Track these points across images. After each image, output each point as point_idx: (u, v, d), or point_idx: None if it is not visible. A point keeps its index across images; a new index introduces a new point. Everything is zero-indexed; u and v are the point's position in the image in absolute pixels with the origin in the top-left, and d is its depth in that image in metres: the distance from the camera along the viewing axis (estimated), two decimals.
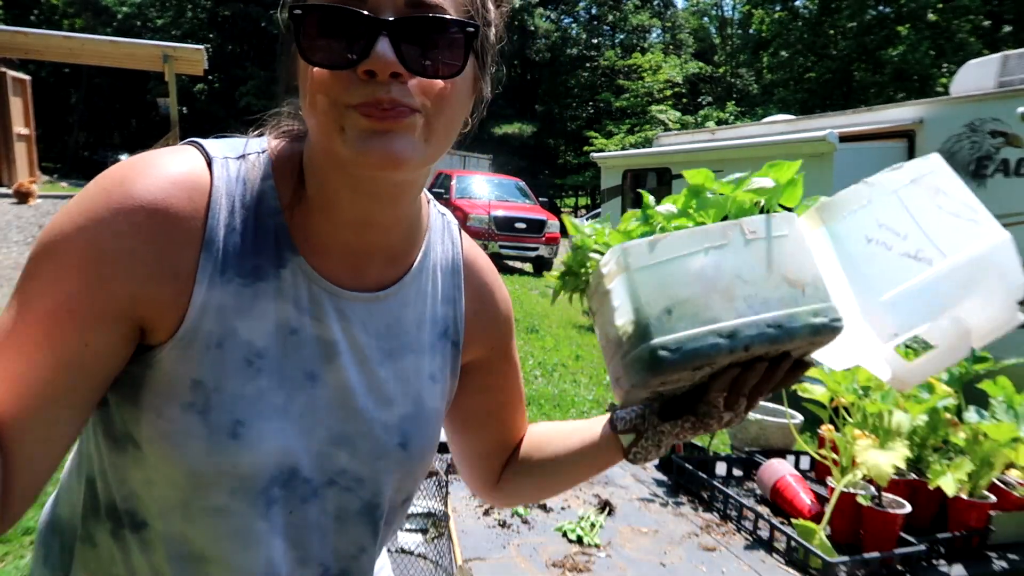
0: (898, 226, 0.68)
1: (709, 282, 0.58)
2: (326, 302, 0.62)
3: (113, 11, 28.57)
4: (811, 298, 0.59)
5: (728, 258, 0.58)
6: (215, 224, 0.56)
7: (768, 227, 0.61)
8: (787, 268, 0.59)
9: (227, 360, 0.57)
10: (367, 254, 0.64)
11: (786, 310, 0.58)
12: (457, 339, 0.73)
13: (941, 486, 1.39)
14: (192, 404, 0.56)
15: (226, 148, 0.60)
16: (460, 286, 0.74)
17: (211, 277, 0.56)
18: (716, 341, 0.56)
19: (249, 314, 0.58)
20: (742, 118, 21.98)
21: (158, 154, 0.57)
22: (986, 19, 18.48)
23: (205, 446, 0.56)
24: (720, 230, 0.60)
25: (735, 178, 0.70)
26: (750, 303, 0.58)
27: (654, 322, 0.57)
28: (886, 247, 0.67)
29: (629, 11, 31.18)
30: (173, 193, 0.55)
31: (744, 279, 0.58)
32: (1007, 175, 4.67)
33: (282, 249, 0.60)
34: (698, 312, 0.57)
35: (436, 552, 1.53)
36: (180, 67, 11.58)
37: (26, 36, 10.56)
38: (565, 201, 32.31)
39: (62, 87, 30.16)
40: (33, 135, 11.41)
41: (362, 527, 0.66)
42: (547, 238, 12.53)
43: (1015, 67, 4.92)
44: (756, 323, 0.57)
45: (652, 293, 0.57)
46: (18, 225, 8.10)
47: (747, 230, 0.60)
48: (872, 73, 19.98)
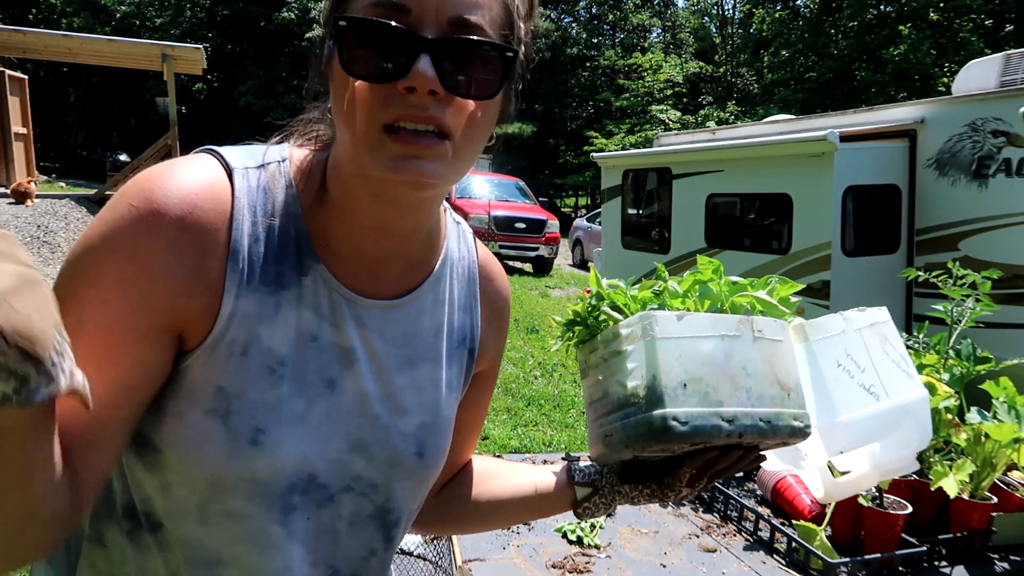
0: (859, 359, 0.81)
1: (720, 367, 0.62)
2: (345, 309, 0.62)
3: (112, 10, 28.54)
4: (794, 402, 0.65)
5: (738, 349, 0.63)
6: (239, 235, 0.57)
7: (773, 330, 0.66)
8: (780, 371, 0.65)
9: (250, 367, 0.58)
10: (385, 261, 0.65)
11: (776, 408, 0.63)
12: (473, 347, 0.74)
13: (943, 487, 1.38)
14: (214, 410, 0.57)
15: (245, 158, 0.61)
16: (476, 294, 0.74)
17: (238, 286, 0.57)
18: (719, 424, 0.61)
19: (272, 322, 0.59)
20: (742, 118, 21.97)
21: (179, 165, 0.57)
22: (988, 18, 18.46)
23: (225, 451, 0.56)
24: (736, 322, 0.64)
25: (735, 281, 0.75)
26: (750, 395, 0.62)
27: (670, 392, 0.60)
28: (849, 375, 0.79)
29: (629, 11, 31.15)
30: (199, 205, 0.56)
31: (748, 372, 0.63)
32: (1008, 175, 4.66)
33: (303, 256, 0.60)
34: (708, 393, 0.61)
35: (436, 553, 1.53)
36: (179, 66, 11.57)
37: (24, 35, 10.56)
38: (565, 201, 32.30)
39: (60, 86, 30.15)
40: (31, 134, 11.39)
41: (373, 530, 0.67)
42: (547, 238, 12.52)
43: (1017, 66, 4.91)
44: (752, 415, 0.62)
45: (672, 364, 0.61)
46: (16, 225, 8.09)
47: (756, 328, 0.65)
48: (873, 72, 19.97)
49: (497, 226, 11.78)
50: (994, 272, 1.76)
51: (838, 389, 0.76)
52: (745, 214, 6.42)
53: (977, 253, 4.87)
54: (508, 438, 4.36)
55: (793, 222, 5.60)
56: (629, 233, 8.16)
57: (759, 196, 6.16)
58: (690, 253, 6.96)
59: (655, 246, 7.62)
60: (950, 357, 1.64)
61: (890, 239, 5.44)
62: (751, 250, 6.20)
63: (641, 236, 7.99)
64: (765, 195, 6.05)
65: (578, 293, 10.70)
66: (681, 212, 7.07)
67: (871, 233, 5.47)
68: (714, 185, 6.64)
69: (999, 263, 4.46)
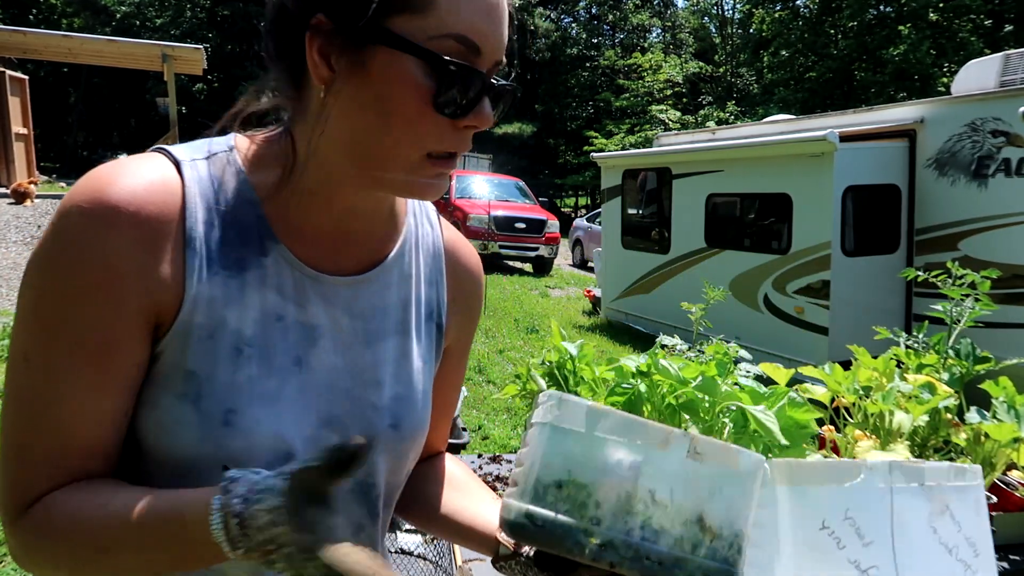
0: (868, 528, 0.57)
1: (618, 482, 0.51)
2: (309, 287, 0.63)
3: (112, 10, 28.57)
4: (716, 555, 0.51)
5: (654, 468, 0.51)
6: (193, 222, 0.58)
7: (723, 457, 0.53)
8: (711, 509, 0.52)
9: (218, 350, 0.59)
10: (349, 239, 0.66)
11: (677, 552, 0.51)
12: (440, 321, 0.75)
13: None
14: (185, 394, 0.58)
15: (191, 151, 0.62)
16: (441, 269, 0.75)
17: (199, 273, 0.58)
18: (582, 542, 0.51)
19: (237, 304, 0.60)
20: (742, 118, 21.97)
21: (124, 164, 0.58)
22: (987, 18, 18.47)
23: (198, 434, 0.57)
24: (664, 434, 0.52)
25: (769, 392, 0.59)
26: (645, 526, 0.51)
27: (540, 488, 0.52)
28: (838, 544, 0.56)
29: (629, 11, 31.17)
30: (148, 199, 0.56)
31: (655, 499, 0.51)
32: (1008, 175, 4.66)
33: (264, 238, 0.62)
34: (586, 504, 0.51)
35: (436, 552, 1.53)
36: (179, 67, 11.58)
37: (24, 35, 10.56)
38: (565, 201, 32.31)
39: (61, 86, 30.15)
40: (31, 135, 11.40)
41: (356, 506, 0.67)
42: (547, 238, 12.52)
43: (1016, 66, 4.91)
44: (636, 548, 0.51)
45: (555, 458, 0.52)
46: (16, 225, 8.09)
47: (697, 449, 0.52)
48: (873, 73, 19.98)
49: (497, 226, 11.78)
50: (993, 272, 1.76)
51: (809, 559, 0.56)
52: (745, 214, 6.43)
53: (976, 253, 4.87)
54: (508, 438, 4.36)
55: (793, 222, 5.60)
56: (629, 233, 8.16)
57: (759, 196, 6.16)
58: (690, 253, 6.97)
59: (655, 246, 7.62)
60: (949, 357, 1.64)
61: (890, 239, 5.44)
62: (751, 250, 6.20)
63: (641, 236, 8.00)
64: (765, 195, 6.05)
65: (578, 293, 10.71)
66: (681, 212, 7.08)
67: (871, 233, 5.48)
68: (714, 185, 6.64)
69: (998, 263, 4.46)
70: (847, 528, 0.56)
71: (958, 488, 0.61)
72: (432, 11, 0.55)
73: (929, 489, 0.59)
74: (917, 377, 1.51)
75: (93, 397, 0.55)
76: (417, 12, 0.55)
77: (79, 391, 0.55)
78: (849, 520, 0.56)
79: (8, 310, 5.59)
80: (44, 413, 0.55)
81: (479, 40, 0.57)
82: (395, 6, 0.55)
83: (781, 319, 5.74)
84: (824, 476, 0.57)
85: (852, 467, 0.58)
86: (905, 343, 1.71)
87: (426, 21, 0.55)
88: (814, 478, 0.56)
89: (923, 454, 1.57)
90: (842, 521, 0.56)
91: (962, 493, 0.61)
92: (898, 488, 0.58)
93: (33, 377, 0.55)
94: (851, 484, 0.57)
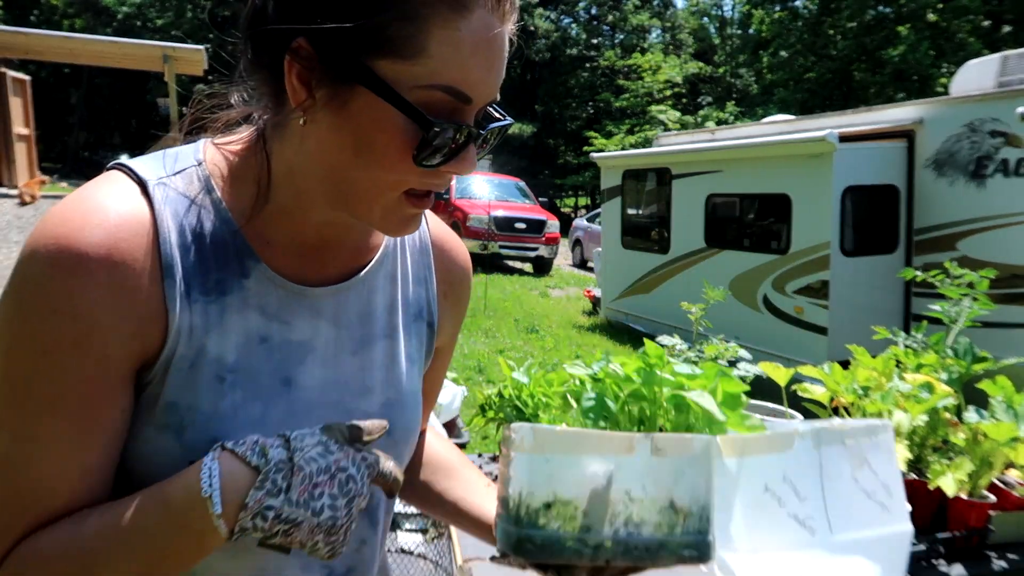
0: (802, 486, 0.68)
1: (597, 492, 0.58)
2: (294, 302, 0.61)
3: (113, 11, 28.57)
4: (690, 529, 0.59)
5: (625, 471, 0.58)
6: (168, 249, 0.55)
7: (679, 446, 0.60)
8: (679, 493, 0.59)
9: (199, 380, 0.56)
10: (331, 246, 0.64)
11: (660, 536, 0.59)
12: (431, 320, 0.73)
13: (941, 486, 1.39)
14: (167, 426, 0.56)
15: (155, 167, 0.58)
16: (430, 266, 0.74)
17: (179, 302, 0.55)
18: (580, 549, 0.58)
19: (217, 330, 0.57)
20: (742, 118, 21.97)
21: (87, 199, 0.54)
22: (986, 19, 18.47)
23: (182, 465, 0.54)
24: (629, 441, 0.59)
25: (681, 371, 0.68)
26: (628, 522, 0.59)
27: (531, 513, 0.57)
28: (779, 503, 0.66)
29: (629, 11, 31.16)
30: (120, 237, 0.53)
31: (632, 497, 0.58)
32: (1006, 175, 4.67)
33: (243, 258, 0.59)
34: (575, 516, 0.58)
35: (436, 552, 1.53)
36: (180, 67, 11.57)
37: (26, 36, 10.56)
38: (565, 201, 32.31)
39: (62, 87, 30.13)
40: (33, 135, 11.40)
41: (359, 520, 0.66)
42: (547, 238, 12.53)
43: (1015, 67, 4.92)
44: (626, 542, 0.58)
45: (540, 483, 0.58)
46: (18, 226, 8.10)
47: (656, 445, 0.59)
48: (872, 73, 19.98)
49: (497, 226, 11.78)
50: (991, 272, 1.77)
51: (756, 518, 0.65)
52: (744, 214, 6.43)
53: (975, 253, 4.88)
54: None
55: (792, 222, 5.60)
56: (629, 233, 8.16)
57: (758, 196, 6.17)
58: (690, 253, 6.97)
59: (655, 246, 7.63)
60: (948, 356, 1.64)
61: (889, 239, 5.45)
62: (750, 250, 6.21)
63: (641, 236, 8.00)
64: (764, 195, 6.05)
65: (578, 294, 10.71)
66: (680, 212, 7.08)
67: (870, 233, 5.48)
68: (713, 185, 6.64)
69: (997, 263, 4.47)
70: (786, 488, 0.67)
71: (873, 442, 0.72)
72: (421, 59, 0.51)
73: (850, 447, 0.71)
74: (916, 377, 1.52)
75: (75, 456, 0.52)
76: (405, 58, 0.51)
77: (58, 452, 0.52)
78: (787, 481, 0.67)
79: None
80: (20, 477, 0.52)
81: (470, 90, 0.53)
82: (381, 49, 0.51)
83: (780, 319, 5.74)
84: (764, 447, 0.66)
85: (786, 437, 0.68)
86: (904, 343, 1.72)
87: (413, 69, 0.51)
88: (756, 449, 0.66)
89: (922, 453, 1.57)
90: (781, 483, 0.66)
91: (876, 446, 0.73)
92: (825, 450, 0.69)
93: (8, 441, 0.51)
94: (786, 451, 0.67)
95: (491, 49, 0.53)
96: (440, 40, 0.51)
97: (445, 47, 0.51)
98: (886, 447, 0.73)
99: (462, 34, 0.51)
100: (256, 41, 0.56)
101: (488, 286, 9.13)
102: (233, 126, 0.64)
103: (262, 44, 0.56)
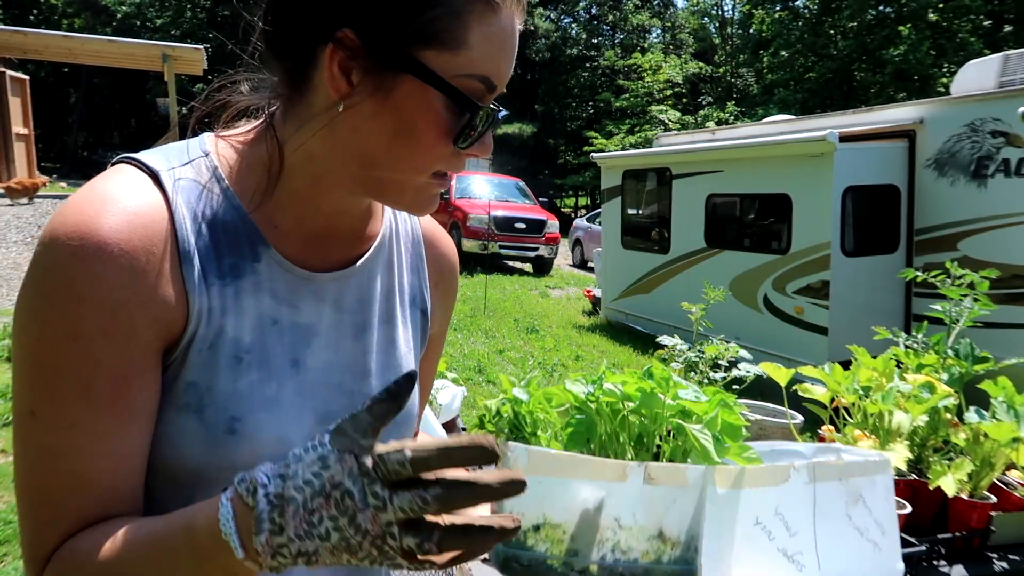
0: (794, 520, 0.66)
1: (586, 517, 0.58)
2: (300, 287, 0.64)
3: (112, 11, 28.56)
4: (676, 559, 0.60)
5: (616, 498, 0.59)
6: (184, 234, 0.57)
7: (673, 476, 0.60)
8: (669, 523, 0.60)
9: (218, 360, 0.58)
10: (335, 233, 0.67)
11: (646, 564, 0.59)
12: (425, 307, 0.76)
13: (942, 486, 1.38)
14: (187, 405, 0.57)
15: (165, 159, 0.60)
16: (422, 255, 0.77)
17: (198, 285, 0.57)
18: (566, 573, 0.58)
19: (234, 312, 0.59)
20: (742, 118, 21.96)
21: (102, 188, 0.55)
22: (987, 19, 18.47)
23: (203, 444, 0.57)
24: (621, 468, 0.59)
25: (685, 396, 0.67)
26: (615, 549, 0.59)
27: (520, 535, 0.58)
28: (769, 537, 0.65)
29: (629, 11, 31.16)
30: (138, 223, 0.54)
31: (621, 524, 0.59)
32: (1007, 175, 4.67)
33: (254, 243, 0.61)
34: (563, 540, 0.58)
35: None
36: (179, 67, 11.58)
37: (25, 36, 10.56)
38: (565, 201, 32.31)
39: (61, 87, 30.14)
40: (32, 135, 11.41)
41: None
42: (547, 238, 12.53)
43: (1016, 67, 4.91)
44: (612, 569, 0.59)
45: (531, 504, 0.58)
46: (17, 225, 8.10)
47: (651, 475, 0.59)
48: (872, 73, 19.99)
49: (497, 226, 11.78)
50: (992, 272, 1.76)
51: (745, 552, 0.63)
52: (745, 214, 6.43)
53: (976, 253, 4.87)
54: None
55: (792, 222, 5.60)
56: (629, 233, 8.16)
57: (759, 196, 6.16)
58: (690, 253, 6.97)
59: (655, 246, 7.62)
60: (949, 357, 1.64)
61: (889, 239, 5.45)
62: (751, 250, 6.21)
63: (641, 236, 8.00)
64: (765, 195, 6.05)
65: (578, 294, 10.71)
66: (681, 212, 7.08)
67: (870, 233, 5.48)
68: (714, 185, 6.64)
69: (997, 263, 4.47)
70: (777, 522, 0.65)
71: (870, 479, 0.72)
72: (464, 51, 0.56)
73: (846, 483, 0.70)
74: (916, 377, 1.52)
75: (111, 441, 0.54)
76: (450, 49, 0.55)
77: (95, 438, 0.53)
78: (779, 515, 0.66)
79: (8, 309, 5.59)
80: (60, 467, 0.53)
81: (497, 81, 0.59)
82: (429, 40, 0.55)
83: (781, 319, 5.74)
84: (759, 479, 0.65)
85: (782, 470, 0.66)
86: (904, 343, 1.71)
87: (456, 59, 0.56)
88: (750, 481, 0.64)
89: (922, 454, 1.57)
90: (772, 516, 0.65)
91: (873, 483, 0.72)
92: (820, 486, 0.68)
93: (45, 431, 0.52)
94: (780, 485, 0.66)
95: (513, 42, 0.59)
96: (479, 34, 0.56)
97: (483, 40, 0.56)
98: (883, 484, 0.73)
99: (495, 28, 0.57)
100: (289, 29, 0.58)
101: (488, 286, 9.13)
102: (235, 119, 0.66)
103: (296, 32, 0.58)
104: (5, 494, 3.05)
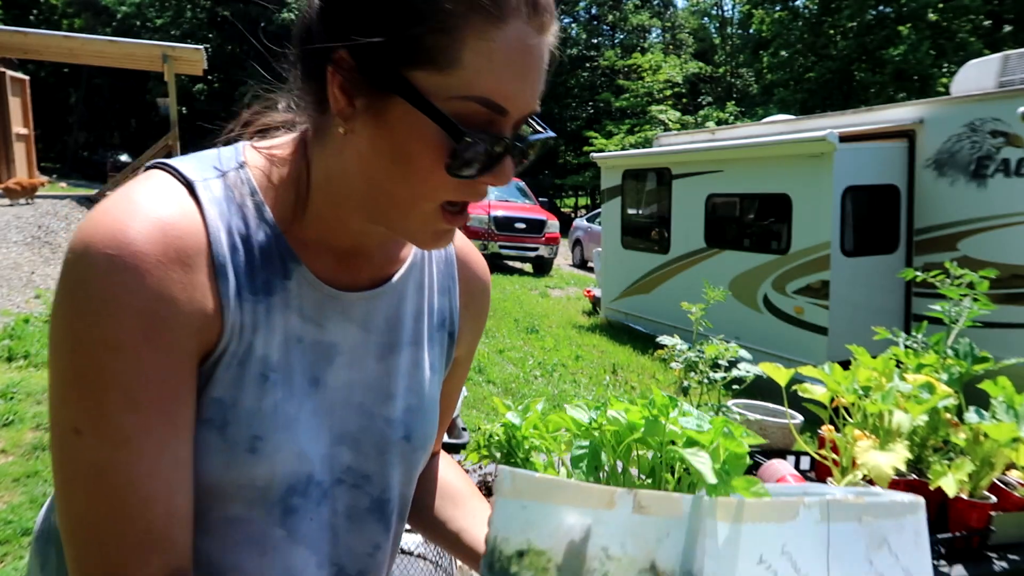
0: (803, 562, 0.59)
1: (573, 545, 0.55)
2: (327, 306, 0.62)
3: (112, 11, 28.58)
4: None
5: (604, 526, 0.55)
6: (219, 247, 0.56)
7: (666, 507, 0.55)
8: (661, 556, 0.55)
9: (246, 377, 0.57)
10: (364, 253, 0.66)
11: None
12: (453, 329, 0.74)
13: (942, 486, 1.38)
14: (210, 420, 0.56)
15: (200, 168, 0.59)
16: (454, 276, 0.75)
17: (232, 300, 0.56)
18: None
19: (264, 328, 0.58)
20: (742, 118, 21.97)
21: (137, 195, 0.54)
22: (987, 19, 18.48)
23: (223, 461, 0.56)
24: (608, 495, 0.55)
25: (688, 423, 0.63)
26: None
27: (503, 560, 0.55)
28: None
29: (629, 11, 31.16)
30: (174, 234, 0.53)
31: (608, 555, 0.55)
32: (1007, 175, 4.67)
33: (286, 260, 0.60)
34: (548, 569, 0.55)
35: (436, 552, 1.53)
36: (179, 67, 11.58)
37: (25, 36, 10.56)
38: (565, 201, 32.30)
39: (61, 87, 30.15)
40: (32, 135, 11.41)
41: (374, 524, 0.67)
42: (547, 238, 12.53)
43: (1015, 67, 4.91)
44: None
45: (516, 530, 0.55)
46: (17, 225, 8.10)
47: (640, 503, 0.55)
48: (872, 73, 19.98)
49: (497, 226, 11.78)
50: (992, 272, 1.76)
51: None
52: (744, 214, 6.43)
53: (975, 253, 4.87)
54: None
55: (792, 222, 5.60)
56: (629, 233, 8.16)
57: (758, 196, 6.17)
58: (690, 253, 6.97)
59: (655, 246, 7.62)
60: (948, 357, 1.64)
61: (889, 239, 5.45)
62: (750, 250, 6.21)
63: (641, 236, 8.00)
64: (764, 195, 6.05)
65: (578, 294, 10.71)
66: (681, 212, 7.08)
67: (870, 233, 5.48)
68: (714, 185, 6.64)
69: (997, 263, 4.47)
70: (784, 563, 0.58)
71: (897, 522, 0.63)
72: (456, 71, 0.51)
73: (867, 525, 0.61)
74: (916, 377, 1.52)
75: (167, 452, 0.52)
76: (440, 69, 0.51)
77: (152, 450, 0.51)
78: (786, 555, 0.58)
79: (8, 309, 5.58)
80: (119, 485, 0.50)
81: (506, 102, 0.53)
82: (417, 60, 0.51)
83: (781, 319, 5.74)
84: (764, 514, 0.58)
85: (790, 506, 0.59)
86: (904, 343, 1.71)
87: (449, 80, 0.51)
88: (754, 515, 0.58)
89: (922, 454, 1.57)
90: (779, 556, 0.58)
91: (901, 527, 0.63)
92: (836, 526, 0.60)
93: (97, 448, 0.50)
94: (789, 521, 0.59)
95: (526, 60, 0.53)
96: (474, 51, 0.51)
97: (479, 58, 0.51)
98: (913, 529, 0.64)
99: (496, 45, 0.51)
100: (305, 52, 0.58)
101: None
102: (271, 130, 0.65)
103: (310, 55, 0.57)
104: (5, 494, 3.05)
